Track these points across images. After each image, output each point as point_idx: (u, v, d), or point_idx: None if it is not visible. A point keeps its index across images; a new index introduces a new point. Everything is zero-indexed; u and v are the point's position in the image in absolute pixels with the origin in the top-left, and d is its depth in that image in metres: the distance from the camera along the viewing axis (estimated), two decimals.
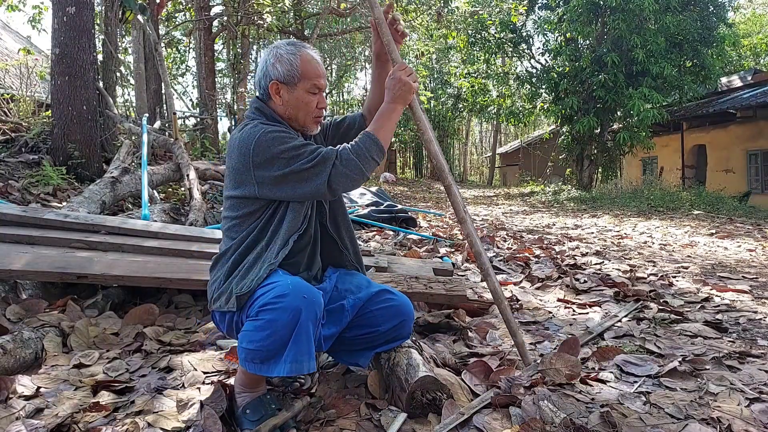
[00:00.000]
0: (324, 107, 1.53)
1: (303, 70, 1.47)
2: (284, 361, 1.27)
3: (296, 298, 1.27)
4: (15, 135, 5.52)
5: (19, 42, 12.75)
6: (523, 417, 1.39)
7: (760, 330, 2.22)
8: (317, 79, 1.48)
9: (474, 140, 40.92)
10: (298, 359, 1.27)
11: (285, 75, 1.46)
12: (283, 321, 1.26)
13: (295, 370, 1.27)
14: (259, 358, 1.29)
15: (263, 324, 1.27)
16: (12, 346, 1.66)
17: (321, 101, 1.51)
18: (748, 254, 4.56)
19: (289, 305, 1.26)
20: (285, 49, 1.49)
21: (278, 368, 1.28)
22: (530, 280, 3.24)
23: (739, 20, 23.75)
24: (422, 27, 17.03)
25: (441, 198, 13.38)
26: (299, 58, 1.47)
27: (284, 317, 1.26)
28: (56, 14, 5.09)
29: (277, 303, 1.27)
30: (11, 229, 2.53)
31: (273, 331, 1.26)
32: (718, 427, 1.35)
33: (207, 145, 9.12)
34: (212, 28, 12.37)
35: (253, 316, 1.31)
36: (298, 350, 1.28)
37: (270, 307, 1.27)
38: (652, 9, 12.17)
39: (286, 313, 1.26)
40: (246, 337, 1.31)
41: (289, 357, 1.27)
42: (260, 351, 1.28)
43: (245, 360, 1.32)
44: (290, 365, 1.27)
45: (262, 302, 1.29)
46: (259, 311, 1.29)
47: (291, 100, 1.48)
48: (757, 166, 12.92)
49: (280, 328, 1.26)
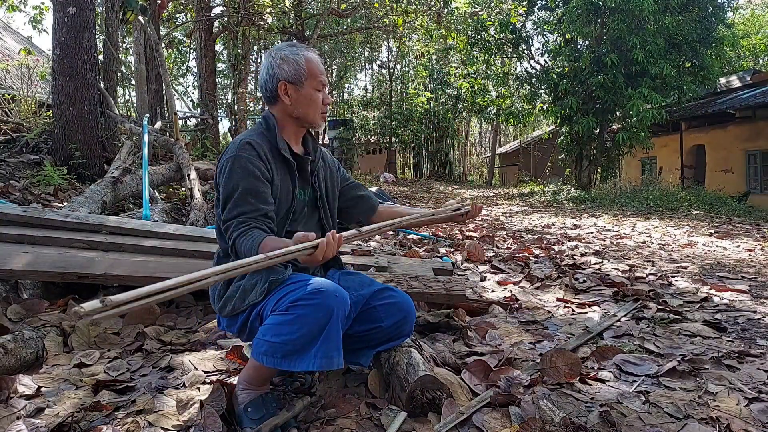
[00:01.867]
0: (328, 103, 1.59)
1: (308, 68, 1.52)
2: (313, 356, 1.30)
3: (330, 297, 1.31)
4: (16, 135, 5.53)
5: (20, 42, 12.74)
6: (523, 416, 1.40)
7: (759, 330, 2.23)
8: (321, 76, 1.55)
9: (474, 140, 40.90)
10: (329, 354, 1.31)
11: (292, 75, 1.51)
12: (317, 317, 1.29)
13: (325, 365, 1.31)
14: (284, 351, 1.30)
15: (294, 318, 1.29)
16: (13, 345, 1.67)
17: (326, 97, 1.58)
18: (746, 254, 4.56)
19: (324, 302, 1.29)
20: (288, 50, 1.53)
21: (305, 363, 1.30)
22: (529, 280, 3.25)
23: (738, 21, 23.74)
24: (422, 27, 17.03)
25: (441, 198, 13.39)
26: (303, 58, 1.52)
27: (318, 313, 1.29)
28: (57, 15, 5.10)
29: (312, 299, 1.30)
30: (12, 229, 2.53)
31: (304, 325, 1.29)
32: (717, 426, 1.36)
33: (208, 146, 9.11)
34: (213, 29, 12.37)
35: (282, 311, 1.32)
36: (330, 346, 1.31)
37: (303, 303, 1.30)
38: (652, 9, 12.17)
39: (320, 310, 1.29)
40: (272, 330, 1.32)
41: (319, 352, 1.30)
42: (286, 344, 1.30)
43: (265, 354, 1.32)
44: (321, 360, 1.30)
45: (294, 297, 1.31)
46: (291, 306, 1.31)
47: (299, 98, 1.53)
48: (755, 167, 12.92)
49: (312, 324, 1.29)
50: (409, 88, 27.41)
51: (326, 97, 1.57)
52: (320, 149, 1.69)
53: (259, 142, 1.50)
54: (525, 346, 2.03)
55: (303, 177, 1.60)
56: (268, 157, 1.49)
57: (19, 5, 9.92)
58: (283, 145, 1.53)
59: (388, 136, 26.23)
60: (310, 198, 1.63)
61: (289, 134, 1.58)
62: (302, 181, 1.59)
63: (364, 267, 2.79)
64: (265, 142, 1.51)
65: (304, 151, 1.65)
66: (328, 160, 1.73)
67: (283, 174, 1.53)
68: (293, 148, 1.58)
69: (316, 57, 1.56)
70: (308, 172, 1.62)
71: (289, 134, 1.58)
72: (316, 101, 1.54)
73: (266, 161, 1.47)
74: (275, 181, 1.49)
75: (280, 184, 1.51)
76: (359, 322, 1.56)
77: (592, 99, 13.80)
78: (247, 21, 10.87)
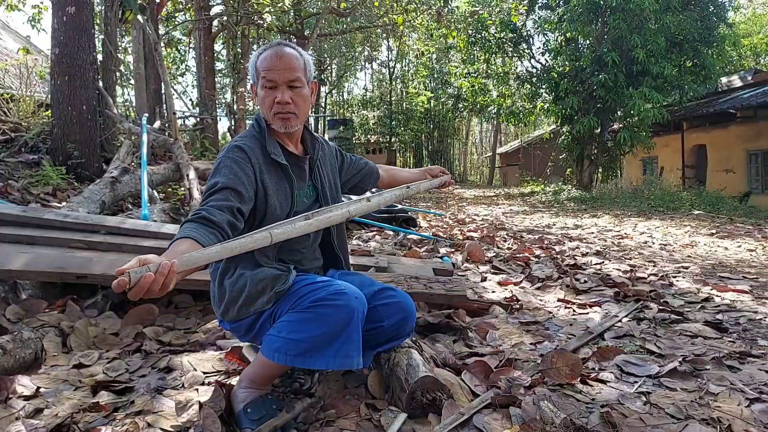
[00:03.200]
0: (283, 102, 1.45)
1: (258, 65, 1.48)
2: (332, 355, 1.31)
3: (352, 298, 1.32)
4: (15, 135, 5.52)
5: (19, 42, 12.74)
6: (523, 417, 1.39)
7: (761, 330, 2.22)
8: (267, 72, 1.44)
9: (474, 140, 40.91)
10: (350, 354, 1.32)
11: (252, 75, 1.51)
12: (339, 317, 1.30)
13: (345, 364, 1.32)
14: (300, 349, 1.30)
15: (316, 316, 1.30)
16: (12, 346, 1.66)
17: (279, 97, 1.44)
18: (748, 254, 4.56)
19: (347, 304, 1.31)
20: (256, 51, 1.52)
21: (322, 361, 1.31)
22: (530, 280, 3.24)
23: (739, 20, 23.73)
24: (422, 27, 17.02)
25: (441, 198, 13.39)
26: (259, 56, 1.49)
27: (341, 314, 1.30)
28: (56, 14, 5.09)
29: (336, 300, 1.31)
30: (11, 229, 2.52)
31: (326, 324, 1.29)
32: (718, 427, 1.35)
33: (207, 145, 9.10)
34: (212, 28, 12.37)
35: (303, 308, 1.32)
36: (350, 346, 1.32)
37: (327, 303, 1.30)
38: (653, 9, 12.16)
39: (343, 311, 1.30)
40: (290, 326, 1.32)
41: (340, 352, 1.31)
42: (304, 342, 1.30)
43: (278, 350, 1.32)
44: (341, 359, 1.31)
45: (317, 297, 1.32)
46: (312, 306, 1.31)
47: (258, 99, 1.51)
48: (757, 166, 12.91)
49: (334, 324, 1.30)
50: (410, 87, 27.42)
51: (281, 96, 1.44)
52: (318, 145, 1.65)
53: (250, 146, 1.47)
54: (526, 346, 2.02)
55: (301, 177, 1.57)
56: (260, 161, 1.46)
57: (17, 4, 9.89)
58: (273, 148, 1.49)
59: (388, 136, 26.24)
60: (312, 196, 1.62)
61: (281, 135, 1.55)
62: (301, 181, 1.57)
63: (364, 267, 2.79)
64: (257, 146, 1.48)
65: (304, 149, 1.63)
66: (327, 154, 1.71)
67: (277, 177, 1.49)
68: (288, 148, 1.56)
69: (273, 55, 1.45)
70: (306, 171, 1.60)
71: (281, 135, 1.55)
72: (264, 100, 1.47)
73: (257, 165, 1.44)
74: (267, 185, 1.45)
75: (275, 187, 1.47)
76: None
77: (593, 98, 13.79)
78: (246, 20, 10.87)
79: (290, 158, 1.55)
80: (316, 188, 1.62)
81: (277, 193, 1.48)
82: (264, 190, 1.44)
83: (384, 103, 26.88)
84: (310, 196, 1.61)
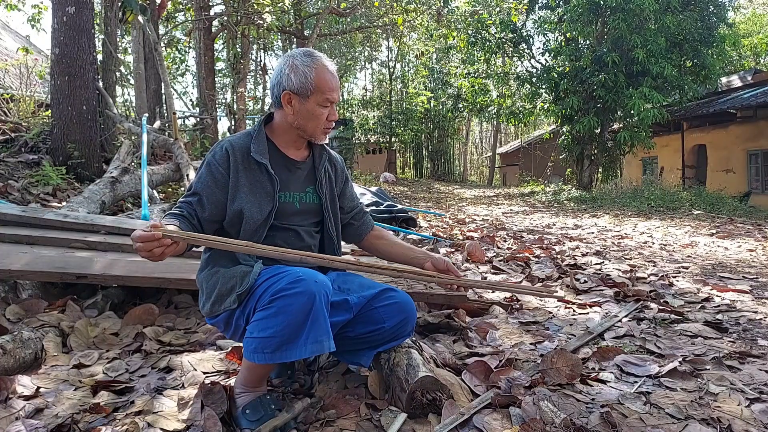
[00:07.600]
0: (334, 119, 1.55)
1: (317, 83, 1.48)
2: (303, 343, 1.29)
3: (310, 283, 1.30)
4: (15, 135, 5.52)
5: (19, 41, 12.74)
6: (523, 417, 1.39)
7: (761, 330, 2.22)
8: (330, 93, 1.49)
9: (474, 140, 40.91)
10: (319, 339, 1.30)
11: (298, 86, 1.48)
12: (299, 304, 1.28)
13: (316, 350, 1.30)
14: (273, 345, 1.29)
15: (278, 309, 1.29)
16: (12, 346, 1.66)
17: (332, 114, 1.53)
18: (748, 254, 4.56)
19: (306, 289, 1.29)
20: (301, 60, 1.49)
21: (296, 352, 1.29)
22: (530, 280, 3.24)
23: (739, 20, 23.73)
24: (422, 27, 17.02)
25: (441, 198, 13.38)
26: (314, 71, 1.48)
27: (300, 301, 1.28)
28: (56, 14, 5.09)
29: (293, 288, 1.29)
30: (11, 229, 2.52)
31: (288, 315, 1.28)
32: (718, 427, 1.35)
33: (207, 145, 9.10)
34: (212, 28, 12.36)
35: (266, 304, 1.31)
36: (318, 331, 1.30)
37: (285, 293, 1.29)
38: (653, 9, 12.16)
39: (302, 297, 1.28)
40: (258, 326, 1.32)
41: (309, 338, 1.29)
42: (275, 337, 1.29)
43: (255, 351, 1.32)
44: (311, 346, 1.29)
45: (275, 289, 1.30)
46: (272, 299, 1.30)
47: (302, 111, 1.50)
48: (757, 166, 12.92)
49: (296, 312, 1.28)
50: (410, 87, 27.40)
51: (333, 113, 1.53)
52: (325, 154, 1.67)
53: (237, 144, 1.52)
54: (526, 346, 2.02)
55: (292, 180, 1.58)
56: (238, 160, 1.50)
57: (17, 4, 9.90)
58: (257, 147, 1.52)
59: (388, 136, 26.23)
60: (314, 203, 1.62)
61: (287, 139, 1.58)
62: (292, 184, 1.58)
63: None
64: (244, 144, 1.53)
65: (308, 155, 1.64)
66: (338, 168, 1.73)
67: (257, 174, 1.51)
68: (288, 153, 1.59)
69: (330, 73, 1.50)
70: (303, 176, 1.61)
71: (287, 139, 1.58)
72: (319, 117, 1.51)
73: (234, 164, 1.49)
74: (242, 183, 1.49)
75: (249, 185, 1.50)
76: (361, 323, 1.55)
77: (593, 98, 13.79)
78: (246, 20, 10.86)
79: (281, 160, 1.57)
80: (319, 197, 1.63)
81: (252, 191, 1.50)
82: (236, 187, 1.49)
83: (384, 103, 26.87)
84: (309, 202, 1.61)
